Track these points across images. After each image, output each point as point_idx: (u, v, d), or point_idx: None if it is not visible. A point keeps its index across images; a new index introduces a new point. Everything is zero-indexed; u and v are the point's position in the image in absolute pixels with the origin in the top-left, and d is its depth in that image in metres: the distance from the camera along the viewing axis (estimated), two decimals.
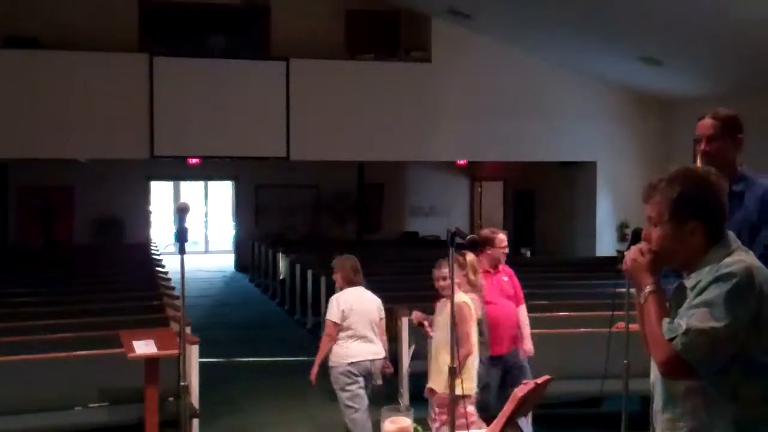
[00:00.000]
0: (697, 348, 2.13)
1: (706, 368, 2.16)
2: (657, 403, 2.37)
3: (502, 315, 5.88)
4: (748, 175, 3.47)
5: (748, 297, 2.16)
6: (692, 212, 2.28)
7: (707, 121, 3.54)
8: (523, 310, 6.15)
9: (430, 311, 7.01)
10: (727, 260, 2.23)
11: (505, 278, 6.03)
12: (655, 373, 2.38)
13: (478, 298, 5.48)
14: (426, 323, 5.70)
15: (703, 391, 2.21)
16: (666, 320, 2.21)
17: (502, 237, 6.04)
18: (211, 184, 20.39)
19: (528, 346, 6.08)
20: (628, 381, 4.57)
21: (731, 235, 2.34)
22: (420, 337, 7.04)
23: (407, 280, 10.27)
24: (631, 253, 2.38)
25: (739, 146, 3.58)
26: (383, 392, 7.85)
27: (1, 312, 7.47)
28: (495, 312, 5.83)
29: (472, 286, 5.51)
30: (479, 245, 5.56)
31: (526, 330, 6.10)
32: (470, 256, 5.55)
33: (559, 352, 6.59)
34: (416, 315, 5.89)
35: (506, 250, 6.04)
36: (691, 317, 2.15)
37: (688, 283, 2.28)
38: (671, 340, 2.16)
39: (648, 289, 2.31)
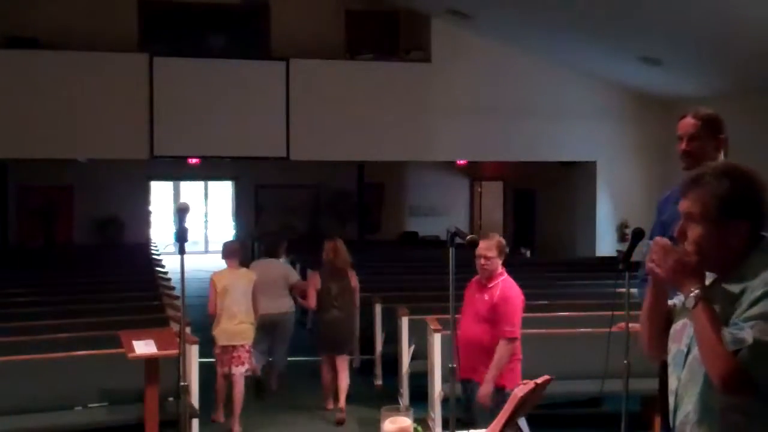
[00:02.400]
0: (764, 363, 2.00)
1: (766, 386, 2.02)
2: (688, 415, 2.22)
3: (462, 336, 4.93)
4: None
5: None
6: (741, 210, 2.14)
7: (688, 120, 3.49)
8: (500, 347, 4.91)
9: (428, 311, 7.03)
10: None
11: (486, 296, 4.97)
12: (683, 381, 2.24)
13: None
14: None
15: (745, 406, 2.08)
16: (725, 331, 2.05)
17: (481, 245, 4.94)
18: (211, 184, 20.38)
19: (483, 389, 4.88)
20: (628, 381, 4.57)
21: None
22: (420, 336, 7.05)
23: (407, 280, 10.28)
24: (672, 253, 2.19)
25: (720, 146, 3.50)
26: (383, 392, 7.87)
27: (1, 312, 7.47)
28: (459, 330, 5.01)
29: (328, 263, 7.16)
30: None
31: (491, 371, 4.90)
32: (336, 244, 7.17)
33: (559, 352, 6.59)
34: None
35: (482, 261, 4.95)
36: (753, 328, 2.01)
37: (733, 288, 2.15)
38: (735, 353, 2.01)
39: (696, 294, 2.12)
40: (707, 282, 2.24)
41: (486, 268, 4.97)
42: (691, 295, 2.13)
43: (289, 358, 8.27)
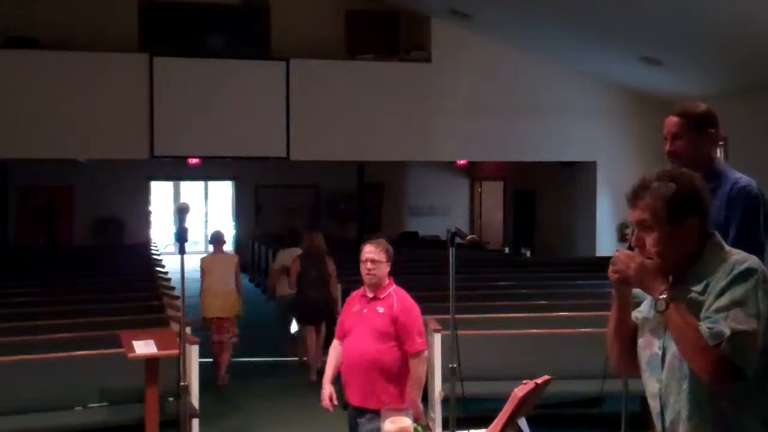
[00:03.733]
0: (746, 350, 2.08)
1: (753, 367, 2.10)
2: (679, 413, 2.26)
3: (352, 357, 4.46)
4: (722, 171, 3.24)
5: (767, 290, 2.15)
6: (690, 208, 2.24)
7: (670, 119, 3.26)
8: (416, 363, 4.37)
9: (428, 311, 7.03)
10: (736, 258, 2.20)
11: (380, 309, 4.43)
12: (665, 381, 2.29)
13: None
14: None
15: (730, 392, 2.16)
16: (704, 325, 2.12)
17: (366, 248, 4.50)
18: (211, 184, 20.39)
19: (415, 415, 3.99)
20: (628, 381, 4.57)
21: (719, 235, 2.30)
22: None
23: (407, 279, 10.27)
24: (635, 258, 2.28)
25: (710, 141, 3.26)
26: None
27: (1, 312, 7.47)
28: (345, 347, 4.54)
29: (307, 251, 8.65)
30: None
31: (414, 392, 4.35)
32: (314, 236, 8.69)
33: (559, 352, 6.60)
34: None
35: (369, 266, 4.44)
36: (727, 319, 2.09)
37: (694, 286, 2.23)
38: (716, 346, 2.08)
39: (665, 295, 2.20)
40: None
41: (374, 274, 4.43)
42: (661, 297, 2.21)
43: (289, 358, 8.33)
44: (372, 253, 4.44)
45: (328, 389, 4.54)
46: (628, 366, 2.46)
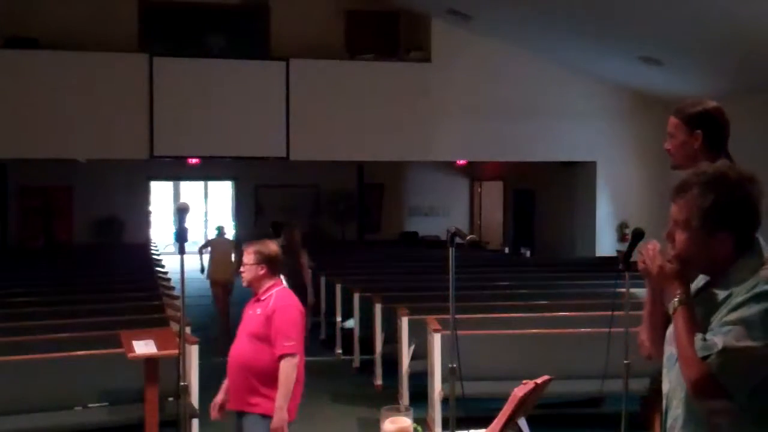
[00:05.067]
0: (733, 369, 2.01)
1: (740, 390, 2.04)
2: (676, 418, 2.23)
3: (231, 359, 4.40)
4: None
5: None
6: (724, 223, 2.14)
7: (670, 118, 3.19)
8: (282, 366, 4.20)
9: (428, 311, 7.04)
10: (764, 274, 2.11)
11: (258, 310, 4.35)
12: (672, 384, 2.26)
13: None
14: None
15: (729, 411, 2.08)
16: (698, 336, 2.07)
17: (247, 250, 4.48)
18: (211, 184, 20.40)
19: (276, 420, 4.17)
20: (628, 381, 4.57)
21: (761, 241, 2.22)
22: (420, 336, 7.06)
23: (407, 279, 10.29)
24: (656, 259, 2.24)
25: (699, 142, 3.03)
26: (383, 392, 7.87)
27: (1, 312, 7.46)
28: (230, 353, 4.45)
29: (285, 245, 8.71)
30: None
31: (280, 397, 4.19)
32: (291, 231, 9.63)
33: (559, 352, 6.60)
34: None
35: (243, 270, 4.45)
36: (726, 334, 2.03)
37: (719, 292, 2.17)
38: (704, 358, 2.03)
39: (677, 299, 2.17)
40: (700, 284, 2.27)
41: (243, 276, 4.44)
42: (674, 299, 2.18)
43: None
44: (244, 255, 4.46)
45: (219, 396, 4.47)
46: (660, 353, 2.39)
